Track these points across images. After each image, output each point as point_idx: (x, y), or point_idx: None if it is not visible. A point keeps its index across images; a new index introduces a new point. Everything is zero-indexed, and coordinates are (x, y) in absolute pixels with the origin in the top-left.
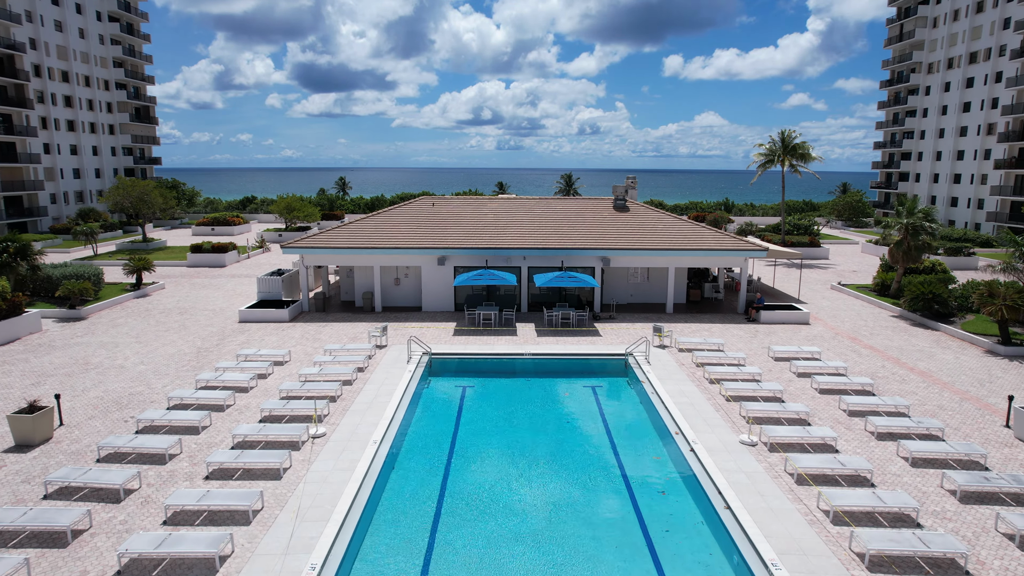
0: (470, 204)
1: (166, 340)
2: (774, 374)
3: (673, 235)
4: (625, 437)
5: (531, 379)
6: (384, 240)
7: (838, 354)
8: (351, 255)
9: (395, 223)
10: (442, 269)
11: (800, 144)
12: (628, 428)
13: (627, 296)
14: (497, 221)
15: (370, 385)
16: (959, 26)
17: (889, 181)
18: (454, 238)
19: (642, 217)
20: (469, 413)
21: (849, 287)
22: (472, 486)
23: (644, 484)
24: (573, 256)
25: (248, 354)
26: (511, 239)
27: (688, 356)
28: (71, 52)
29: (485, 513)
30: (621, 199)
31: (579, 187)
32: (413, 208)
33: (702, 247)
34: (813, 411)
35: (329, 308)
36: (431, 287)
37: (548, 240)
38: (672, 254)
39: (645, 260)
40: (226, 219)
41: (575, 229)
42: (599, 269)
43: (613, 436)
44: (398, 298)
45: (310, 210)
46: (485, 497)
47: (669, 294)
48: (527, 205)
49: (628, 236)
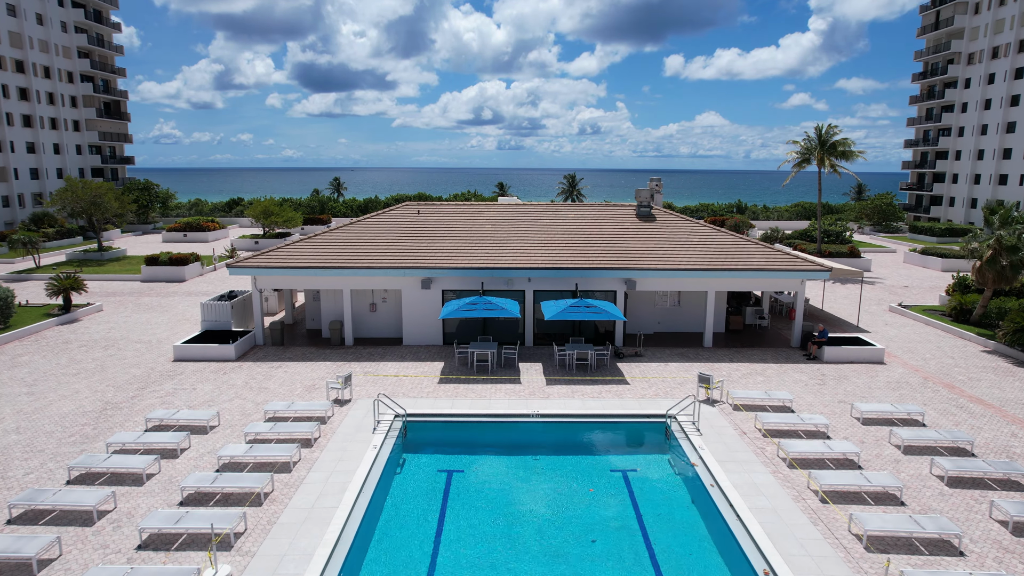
0: (463, 212)
1: (70, 389)
2: (870, 448)
3: (712, 251)
4: (680, 568)
5: (540, 457)
6: (356, 257)
7: (944, 413)
8: (314, 276)
9: (371, 236)
10: (427, 294)
11: (841, 141)
12: (682, 550)
13: (654, 324)
14: (496, 233)
15: (316, 473)
16: (1006, 11)
17: (922, 182)
18: (442, 255)
19: (672, 228)
20: (454, 522)
21: (912, 309)
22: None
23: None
24: (590, 278)
25: (160, 419)
26: (513, 256)
27: (747, 417)
28: (27, 39)
29: None
30: (646, 205)
31: (583, 188)
32: (394, 218)
33: (750, 266)
34: (964, 525)
35: (291, 340)
36: (414, 316)
37: (559, 258)
38: (713, 275)
39: (679, 282)
40: (200, 224)
41: (591, 243)
42: (621, 293)
43: (661, 567)
44: (374, 328)
45: (290, 215)
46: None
47: (708, 324)
48: (532, 213)
49: (657, 252)
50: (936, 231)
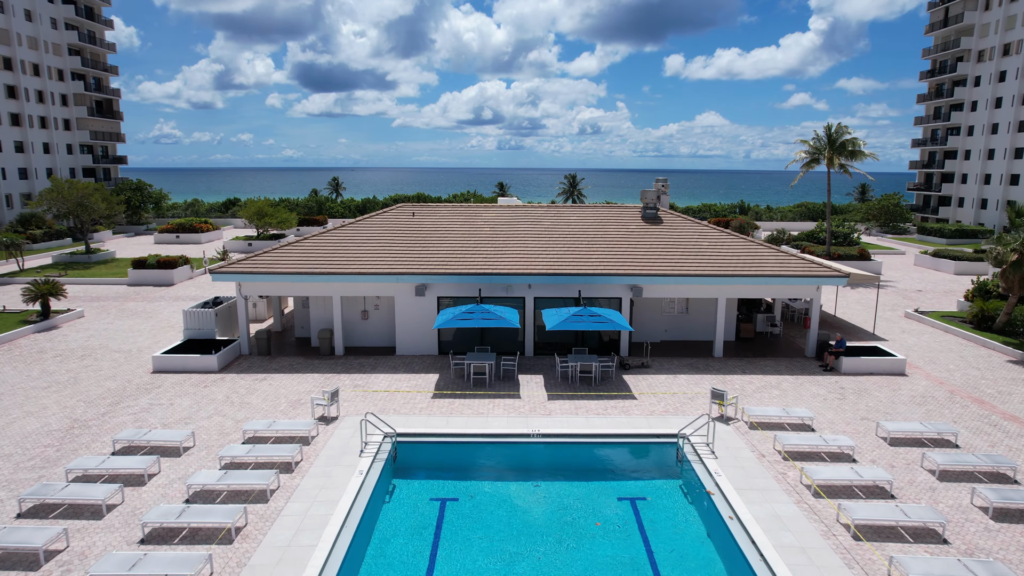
0: (460, 214)
1: (37, 405)
2: (902, 473)
3: (723, 255)
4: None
5: (542, 483)
6: (346, 262)
7: (977, 432)
8: (301, 283)
9: (363, 239)
10: (421, 301)
11: (851, 140)
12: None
13: (660, 332)
14: (494, 237)
15: (295, 504)
16: (1017, 7)
17: (930, 183)
18: (438, 259)
19: (679, 230)
20: (447, 562)
21: (930, 315)
22: None
23: None
24: (594, 284)
25: (129, 440)
26: (512, 261)
27: (765, 437)
28: (14, 36)
29: None
30: (652, 207)
31: (584, 188)
32: (388, 220)
33: (763, 272)
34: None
35: (279, 349)
36: (408, 324)
37: (561, 262)
38: (724, 281)
39: (689, 289)
40: (193, 225)
41: (595, 247)
42: (627, 300)
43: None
44: (366, 336)
45: (284, 216)
46: None
47: (718, 333)
48: (533, 215)
49: (665, 256)
50: (946, 232)
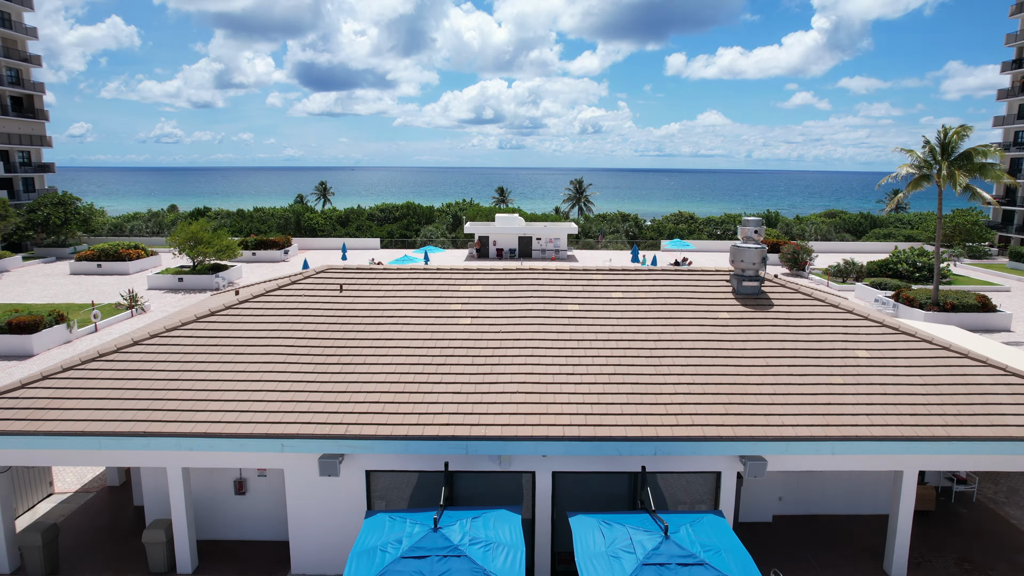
0: (421, 287)
1: None
2: None
3: (896, 382)
4: None
5: None
6: (196, 403)
7: None
8: (104, 451)
9: (240, 347)
10: (333, 483)
11: (976, 150)
12: None
13: (772, 501)
14: (479, 336)
15: None
16: None
17: (1013, 196)
18: (370, 393)
19: (806, 322)
20: None
21: None
22: None
23: None
24: (666, 457)
25: None
26: (510, 398)
27: None
28: None
29: None
30: (753, 277)
31: (591, 195)
32: (297, 302)
33: (983, 432)
34: None
35: (86, 546)
36: (308, 520)
37: (603, 402)
38: (915, 447)
39: (852, 460)
40: (118, 251)
41: (663, 363)
42: (731, 477)
43: None
44: (241, 522)
45: (225, 242)
46: None
47: (898, 530)
48: (548, 284)
49: (798, 387)
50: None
